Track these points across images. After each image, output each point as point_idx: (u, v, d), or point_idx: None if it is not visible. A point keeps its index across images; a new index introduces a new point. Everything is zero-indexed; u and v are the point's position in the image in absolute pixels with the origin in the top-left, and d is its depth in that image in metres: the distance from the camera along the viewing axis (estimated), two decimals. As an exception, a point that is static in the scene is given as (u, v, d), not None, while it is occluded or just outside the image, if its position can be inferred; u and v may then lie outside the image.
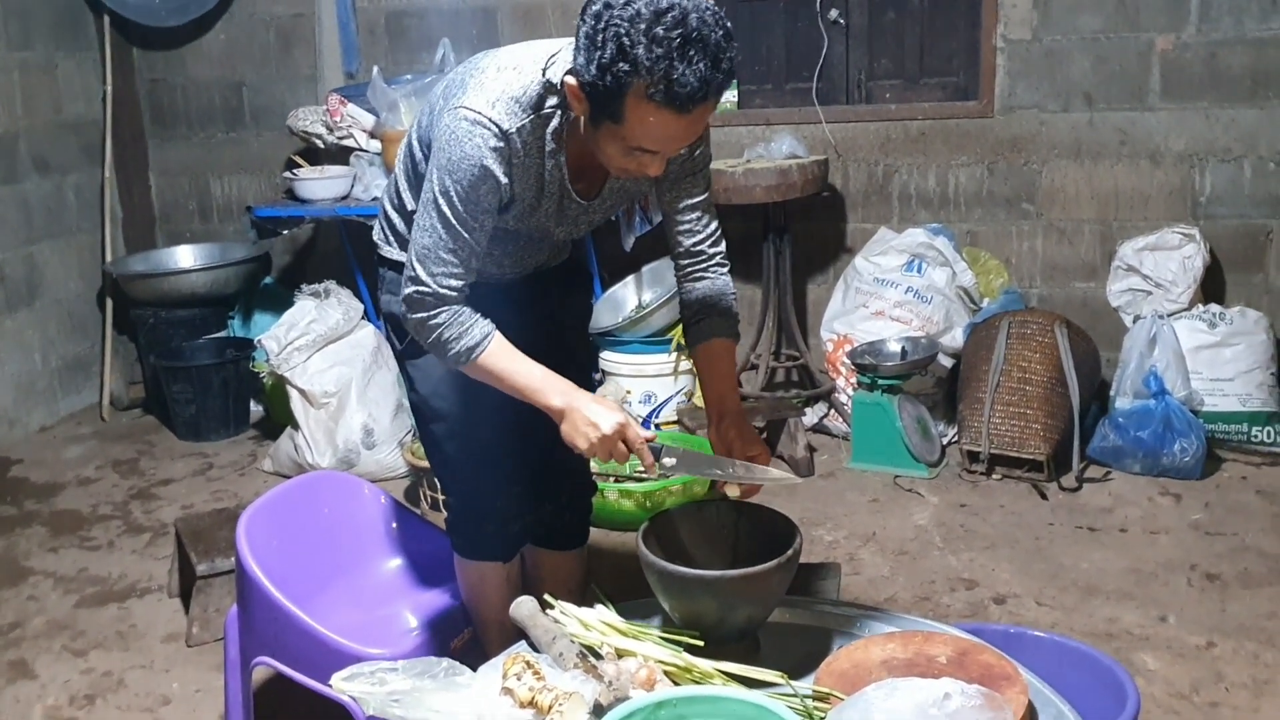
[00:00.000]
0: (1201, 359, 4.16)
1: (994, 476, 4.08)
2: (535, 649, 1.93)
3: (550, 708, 1.66)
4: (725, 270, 2.32)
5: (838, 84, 4.83)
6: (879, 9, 4.73)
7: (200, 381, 4.79)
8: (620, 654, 1.83)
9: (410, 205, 2.20)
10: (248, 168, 5.47)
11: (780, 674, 1.76)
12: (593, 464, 2.56)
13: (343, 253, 4.97)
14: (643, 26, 1.71)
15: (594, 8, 1.77)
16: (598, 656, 1.84)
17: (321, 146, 4.83)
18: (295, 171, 4.78)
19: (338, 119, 4.67)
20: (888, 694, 1.50)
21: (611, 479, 3.79)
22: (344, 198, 4.67)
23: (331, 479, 3.01)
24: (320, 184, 4.66)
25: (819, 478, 4.20)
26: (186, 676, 3.09)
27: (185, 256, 5.32)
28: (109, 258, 5.32)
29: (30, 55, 5.00)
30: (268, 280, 5.26)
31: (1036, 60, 4.55)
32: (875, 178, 4.81)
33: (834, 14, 4.71)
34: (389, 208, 2.32)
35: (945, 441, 4.33)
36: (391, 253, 2.30)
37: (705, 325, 2.29)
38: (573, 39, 1.86)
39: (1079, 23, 4.48)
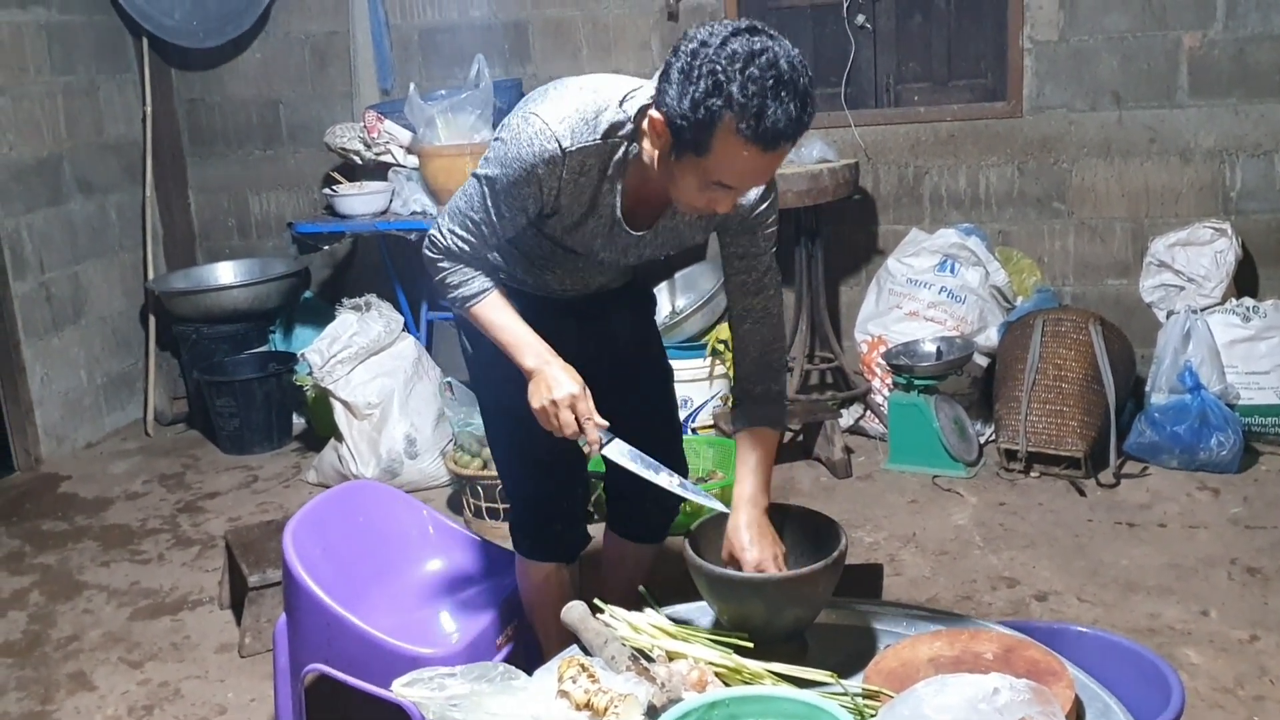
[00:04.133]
0: (1236, 353, 4.16)
1: (1032, 475, 4.10)
2: (587, 652, 1.97)
3: (606, 709, 1.70)
4: (773, 321, 2.31)
5: (866, 88, 4.86)
6: (906, 13, 4.76)
7: (243, 395, 4.86)
8: (671, 656, 1.87)
9: None
10: (285, 184, 5.55)
11: (830, 673, 1.80)
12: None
13: (382, 266, 5.04)
14: (739, 65, 1.76)
15: (690, 45, 1.82)
16: (649, 659, 1.88)
17: (359, 162, 4.89)
18: (335, 188, 4.85)
19: (375, 135, 4.74)
20: (938, 690, 1.53)
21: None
22: (383, 212, 4.73)
23: (367, 488, 3.07)
24: (359, 199, 4.73)
25: (857, 479, 4.22)
26: (241, 686, 3.15)
27: (226, 273, 5.40)
28: (151, 275, 5.41)
29: (73, 79, 5.10)
30: (308, 295, 5.34)
31: (1064, 60, 4.57)
32: (906, 180, 4.84)
33: (861, 19, 4.75)
34: None
35: (982, 441, 4.35)
36: None
37: (745, 409, 2.30)
38: (653, 80, 1.93)
39: (1106, 22, 4.50)
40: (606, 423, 2.12)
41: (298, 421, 5.08)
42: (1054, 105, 4.62)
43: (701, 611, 2.10)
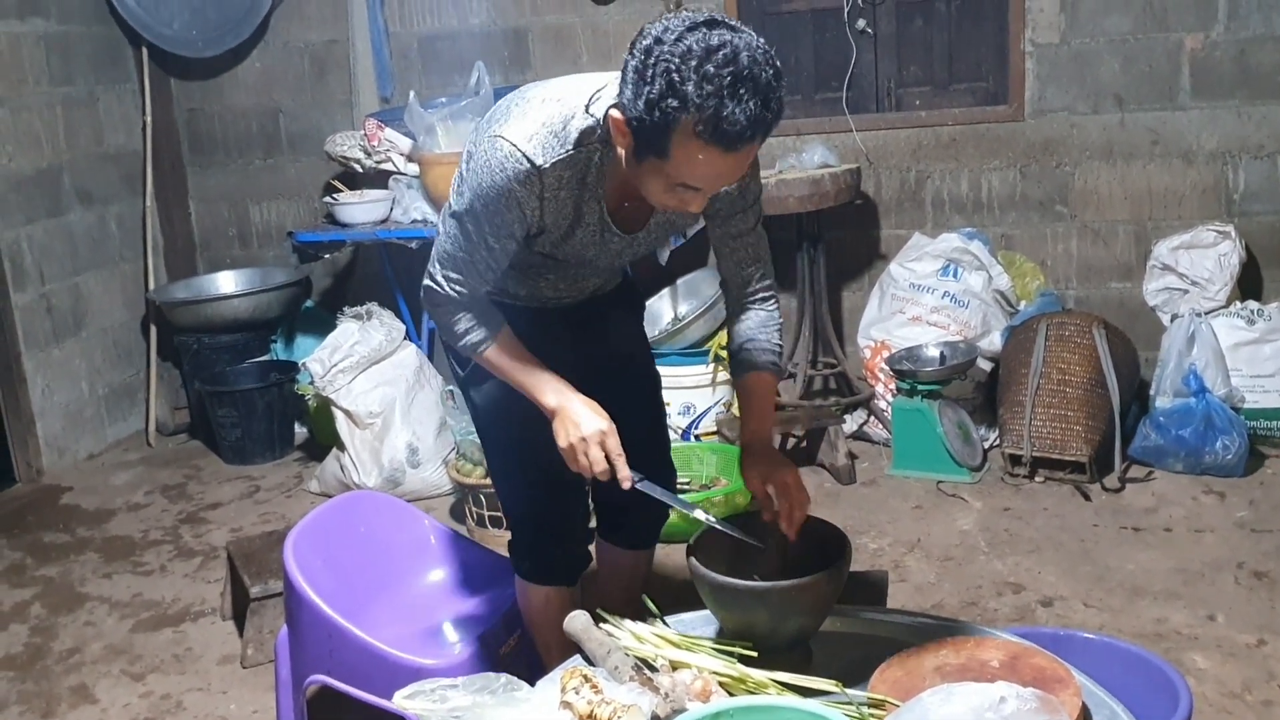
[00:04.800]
0: (1241, 356, 4.15)
1: (1036, 479, 4.08)
2: (590, 663, 1.96)
3: (609, 720, 1.69)
4: (772, 303, 2.33)
5: (867, 92, 4.85)
6: (906, 17, 4.76)
7: (245, 405, 4.85)
8: (675, 666, 1.86)
9: None
10: (286, 193, 5.55)
11: (834, 682, 1.78)
12: None
13: (383, 275, 5.03)
14: (694, 63, 1.68)
15: (644, 43, 1.75)
16: (652, 669, 1.87)
17: (359, 171, 4.89)
18: (335, 196, 4.85)
19: (375, 143, 4.73)
20: (944, 699, 1.52)
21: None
22: (383, 221, 4.73)
23: (367, 498, 3.07)
24: (360, 208, 4.73)
25: (861, 485, 4.21)
26: (243, 697, 3.13)
27: (227, 282, 5.40)
28: (152, 286, 5.41)
29: (72, 90, 5.10)
30: (309, 304, 5.33)
31: (1065, 63, 4.56)
32: (908, 184, 4.83)
33: (862, 23, 4.74)
34: None
35: (986, 446, 4.34)
36: None
37: (746, 358, 2.31)
38: (619, 74, 1.85)
39: (1107, 25, 4.49)
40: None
41: (299, 431, 5.07)
42: (1056, 108, 4.61)
43: (705, 620, 2.08)
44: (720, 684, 1.80)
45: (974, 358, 4.28)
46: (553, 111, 1.96)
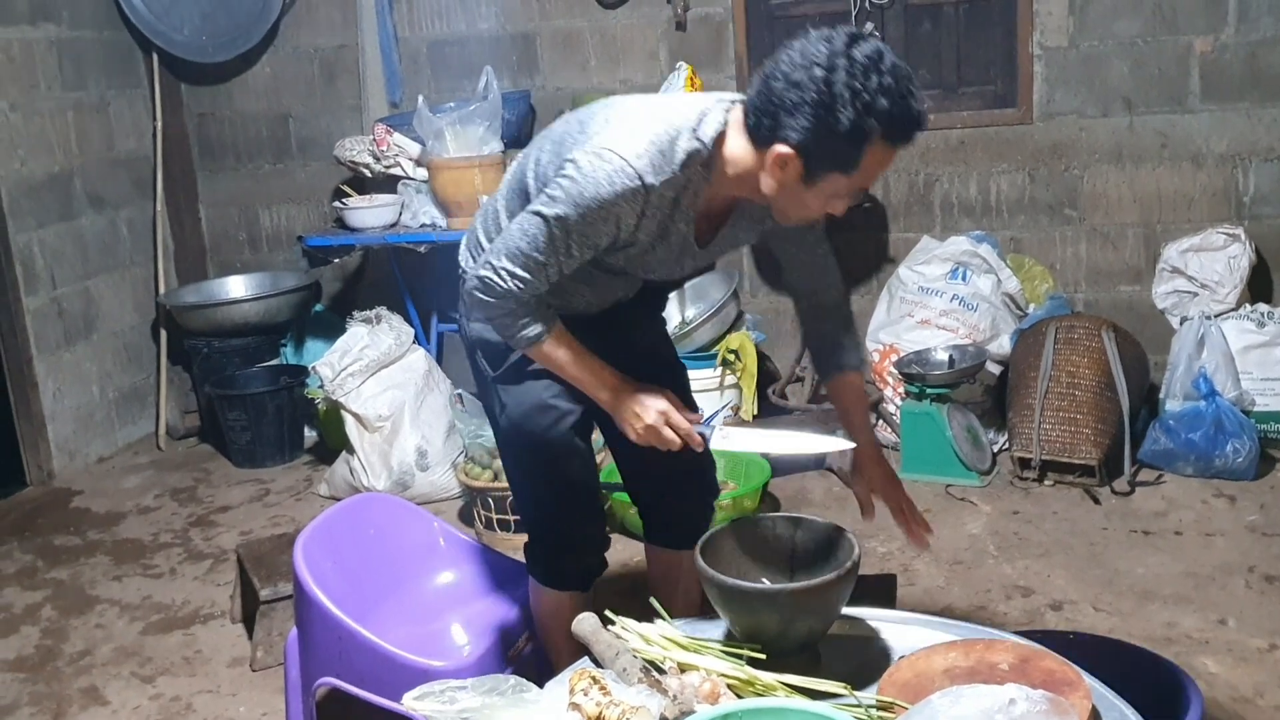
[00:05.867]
0: (1251, 359, 4.14)
1: (1046, 483, 4.07)
2: (598, 665, 1.96)
3: (618, 722, 1.69)
4: (846, 305, 2.45)
5: (876, 96, 4.84)
6: (915, 21, 4.75)
7: (255, 409, 4.86)
8: (683, 668, 1.86)
9: None
10: (295, 198, 5.56)
11: (844, 685, 1.78)
12: None
13: (392, 279, 5.04)
14: (873, 81, 1.79)
15: (808, 74, 1.81)
16: (660, 671, 1.87)
17: (369, 175, 4.90)
18: (344, 201, 4.86)
19: (384, 148, 4.74)
20: (953, 701, 1.51)
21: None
22: (393, 225, 4.74)
23: (376, 500, 3.07)
24: (369, 212, 4.73)
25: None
26: (253, 700, 3.14)
27: (237, 286, 5.41)
28: (162, 290, 5.42)
29: (83, 95, 5.12)
30: (319, 308, 5.34)
31: (1074, 66, 4.55)
32: (916, 187, 4.82)
33: (869, 27, 4.73)
34: (483, 237, 2.30)
35: (996, 449, 4.33)
36: None
37: (833, 359, 2.42)
38: (715, 99, 1.99)
39: (1116, 28, 4.48)
40: (700, 417, 2.20)
41: (309, 435, 5.08)
42: (1064, 111, 4.61)
43: (714, 623, 2.08)
44: (728, 686, 1.80)
45: (983, 361, 4.27)
46: (660, 130, 1.99)
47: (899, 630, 2.06)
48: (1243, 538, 3.61)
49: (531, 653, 2.68)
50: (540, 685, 1.86)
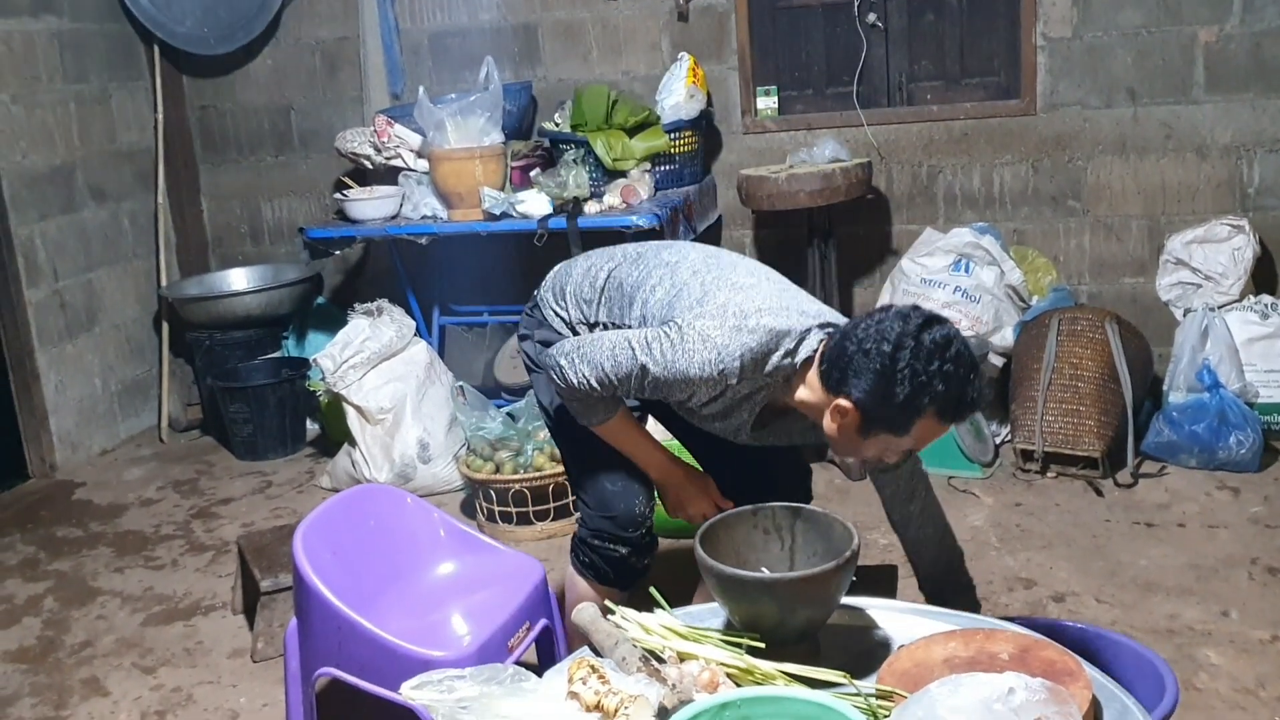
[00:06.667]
0: (1255, 351, 4.13)
1: (1049, 475, 4.07)
2: (598, 654, 1.95)
3: (616, 711, 1.68)
4: (935, 520, 2.59)
5: (878, 87, 4.83)
6: (918, 11, 4.73)
7: (257, 401, 4.86)
8: (682, 657, 1.85)
9: (601, 322, 2.45)
10: (297, 190, 5.56)
11: (843, 674, 1.77)
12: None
13: (394, 271, 5.04)
14: (936, 365, 1.97)
15: (879, 347, 1.99)
16: (660, 660, 1.86)
17: (370, 167, 4.89)
18: (345, 193, 4.85)
19: (385, 140, 4.73)
20: (952, 690, 1.51)
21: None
22: (393, 217, 4.73)
23: (377, 491, 3.05)
24: (370, 204, 4.72)
25: (871, 481, 4.18)
26: (254, 691, 3.14)
27: (238, 279, 5.41)
28: (164, 282, 5.42)
29: (85, 88, 5.12)
30: (320, 300, 5.34)
31: (1078, 57, 4.53)
32: (919, 179, 4.81)
33: (873, 17, 4.72)
34: (570, 290, 2.51)
35: (998, 441, 4.32)
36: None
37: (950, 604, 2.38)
38: (820, 318, 2.19)
39: (1120, 18, 4.47)
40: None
41: (311, 427, 5.08)
42: (1068, 102, 4.59)
43: (713, 612, 2.08)
44: (728, 675, 1.79)
45: (986, 353, 4.26)
46: (764, 338, 2.15)
47: (899, 620, 2.05)
48: (1246, 530, 3.60)
49: (531, 643, 2.67)
50: (540, 674, 1.86)
